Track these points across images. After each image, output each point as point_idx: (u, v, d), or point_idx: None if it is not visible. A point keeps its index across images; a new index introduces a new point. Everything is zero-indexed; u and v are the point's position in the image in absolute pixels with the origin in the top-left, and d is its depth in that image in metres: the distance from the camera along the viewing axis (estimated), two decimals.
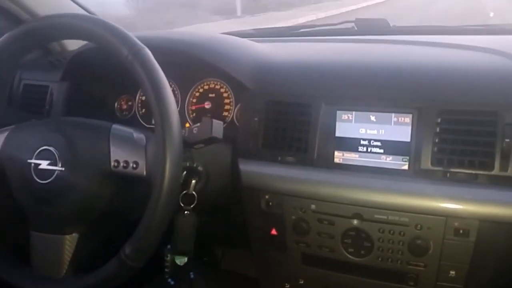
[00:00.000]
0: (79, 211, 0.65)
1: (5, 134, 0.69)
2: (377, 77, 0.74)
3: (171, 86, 0.93)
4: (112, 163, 0.62)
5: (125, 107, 1.00)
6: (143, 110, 0.98)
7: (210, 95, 0.91)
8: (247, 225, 0.81)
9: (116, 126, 0.66)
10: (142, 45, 0.61)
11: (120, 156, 0.62)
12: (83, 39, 0.72)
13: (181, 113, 0.93)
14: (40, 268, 0.68)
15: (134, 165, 0.61)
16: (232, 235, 0.96)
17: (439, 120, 0.67)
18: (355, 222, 0.71)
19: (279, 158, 0.75)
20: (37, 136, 0.66)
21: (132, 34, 0.63)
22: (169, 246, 0.80)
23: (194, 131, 0.68)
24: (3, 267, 0.70)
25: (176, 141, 0.58)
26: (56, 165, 0.63)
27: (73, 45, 1.03)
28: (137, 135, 0.64)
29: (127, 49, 0.60)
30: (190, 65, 0.88)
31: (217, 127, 0.67)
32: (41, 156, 0.64)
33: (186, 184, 0.73)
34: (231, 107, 0.89)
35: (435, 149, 0.67)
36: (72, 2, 1.05)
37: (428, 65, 0.75)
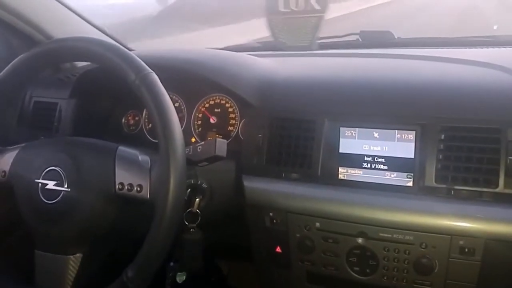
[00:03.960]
0: (83, 231, 0.66)
1: (16, 152, 0.71)
2: (380, 93, 0.74)
3: (177, 101, 0.96)
4: (117, 186, 0.64)
5: (132, 122, 1.02)
6: (150, 125, 1.00)
7: (216, 110, 0.93)
8: (251, 242, 0.82)
9: (122, 148, 0.67)
10: (149, 69, 0.63)
11: (125, 178, 0.64)
12: (93, 62, 0.74)
13: (187, 127, 0.94)
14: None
15: (138, 189, 0.63)
16: (236, 251, 0.97)
17: (442, 137, 0.67)
18: (360, 240, 0.71)
19: (283, 175, 0.76)
20: (44, 156, 0.68)
21: (139, 58, 0.64)
22: (172, 264, 0.82)
23: (198, 150, 0.69)
24: (7, 284, 0.71)
25: (180, 167, 0.59)
26: (62, 186, 0.64)
27: (83, 62, 1.06)
28: (142, 157, 0.66)
29: (135, 74, 0.62)
30: (196, 81, 0.90)
31: (221, 146, 0.68)
32: (48, 176, 0.65)
33: (190, 202, 0.74)
34: (236, 122, 0.90)
35: (439, 166, 0.67)
36: (85, 23, 1.07)
37: (431, 81, 0.75)
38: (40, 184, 0.65)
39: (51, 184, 0.65)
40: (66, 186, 0.64)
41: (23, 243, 0.72)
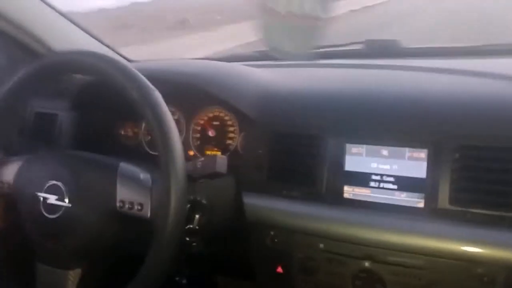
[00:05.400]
0: (83, 247, 0.66)
1: (20, 163, 0.72)
2: (389, 108, 0.72)
3: (175, 114, 0.96)
4: (118, 204, 0.64)
5: (131, 134, 1.02)
6: (149, 138, 0.99)
7: (215, 123, 0.92)
8: (252, 261, 0.80)
9: (123, 165, 0.67)
10: (153, 87, 0.63)
11: (125, 196, 0.64)
12: (95, 77, 0.75)
13: (185, 140, 0.94)
14: None
15: (139, 207, 0.63)
16: (238, 269, 0.95)
17: (457, 156, 0.64)
18: (367, 263, 0.68)
19: (285, 192, 0.74)
20: (47, 170, 0.69)
21: (138, 70, 0.64)
22: (178, 279, 0.81)
23: (198, 166, 0.69)
24: None
25: (181, 188, 0.59)
26: (63, 201, 0.65)
27: None
28: (144, 175, 0.66)
29: (137, 91, 0.62)
30: (194, 94, 0.89)
31: (221, 163, 0.68)
32: (50, 191, 0.66)
33: (190, 218, 0.72)
34: (235, 136, 0.89)
35: (453, 187, 0.64)
36: (86, 35, 1.07)
37: (444, 95, 0.72)
38: (42, 197, 0.66)
39: (52, 199, 0.66)
40: (67, 201, 0.65)
41: (26, 253, 0.72)
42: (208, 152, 0.91)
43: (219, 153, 0.89)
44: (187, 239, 0.73)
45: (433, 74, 0.83)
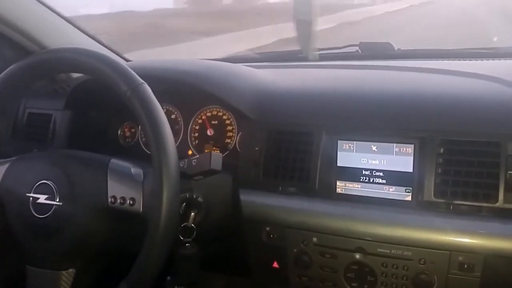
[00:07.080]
0: (76, 246, 0.66)
1: (6, 165, 0.71)
2: (378, 106, 0.76)
3: (173, 113, 0.97)
4: (109, 199, 0.64)
5: (128, 134, 1.03)
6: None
7: (213, 122, 0.93)
8: (248, 257, 0.82)
9: (114, 161, 0.68)
10: (141, 80, 0.64)
11: (117, 192, 0.64)
12: (85, 74, 0.75)
13: (184, 140, 0.95)
14: None
15: (131, 202, 0.63)
16: (233, 265, 0.97)
17: (441, 151, 0.68)
18: (358, 256, 0.71)
19: (280, 188, 0.77)
20: (36, 170, 0.68)
21: (135, 69, 0.65)
22: (169, 278, 0.82)
23: (193, 163, 0.69)
24: None
25: (173, 179, 0.60)
26: (54, 200, 0.65)
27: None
28: (135, 170, 0.66)
29: (126, 85, 0.63)
30: (192, 93, 0.91)
31: (216, 160, 0.69)
32: (39, 190, 0.66)
33: (185, 216, 0.74)
34: (234, 134, 0.91)
35: (438, 180, 0.68)
36: (81, 33, 1.07)
37: (430, 94, 0.76)
38: (31, 198, 0.66)
39: (42, 198, 0.65)
40: (57, 200, 0.65)
41: (15, 258, 0.71)
42: (207, 151, 0.93)
43: (217, 151, 0.90)
44: (181, 238, 0.74)
45: (421, 74, 0.87)
